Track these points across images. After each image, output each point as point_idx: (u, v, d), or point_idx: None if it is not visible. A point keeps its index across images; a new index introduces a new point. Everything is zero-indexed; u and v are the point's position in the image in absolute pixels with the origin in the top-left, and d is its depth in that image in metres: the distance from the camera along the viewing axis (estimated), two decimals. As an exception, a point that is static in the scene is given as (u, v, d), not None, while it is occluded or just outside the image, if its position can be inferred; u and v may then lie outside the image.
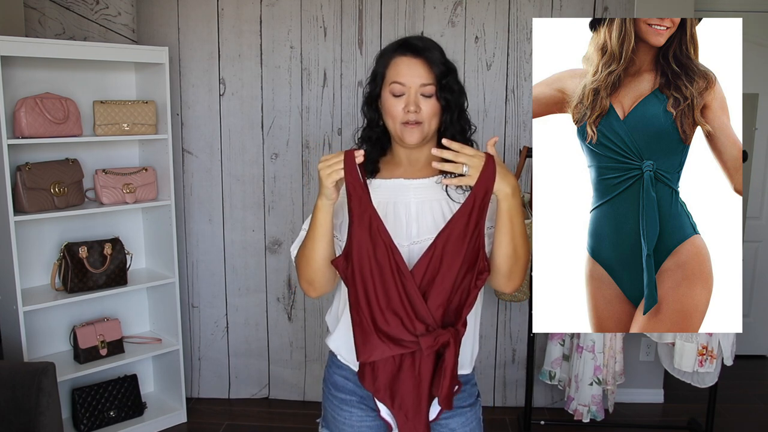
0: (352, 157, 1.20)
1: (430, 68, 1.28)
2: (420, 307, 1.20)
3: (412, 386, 1.25)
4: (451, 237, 1.20)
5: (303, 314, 3.17)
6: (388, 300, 1.21)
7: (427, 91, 1.28)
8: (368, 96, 1.37)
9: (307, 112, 3.01)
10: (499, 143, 3.00)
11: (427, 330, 1.21)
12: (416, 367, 1.24)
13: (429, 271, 1.21)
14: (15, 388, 1.99)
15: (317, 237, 1.27)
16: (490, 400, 3.16)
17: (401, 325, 1.21)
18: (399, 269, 1.20)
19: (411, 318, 1.21)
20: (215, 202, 3.10)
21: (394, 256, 1.20)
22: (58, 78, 2.64)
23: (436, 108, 1.30)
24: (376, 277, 1.21)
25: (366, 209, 1.21)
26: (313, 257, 1.29)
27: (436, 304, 1.21)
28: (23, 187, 2.46)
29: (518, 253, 1.26)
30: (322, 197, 1.24)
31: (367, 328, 1.22)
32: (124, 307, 2.98)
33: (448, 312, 1.23)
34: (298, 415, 3.09)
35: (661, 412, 3.14)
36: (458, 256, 1.20)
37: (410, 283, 1.20)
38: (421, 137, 1.30)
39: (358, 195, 1.21)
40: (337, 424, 1.40)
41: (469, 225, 1.20)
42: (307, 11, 2.94)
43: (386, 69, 1.32)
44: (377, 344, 1.22)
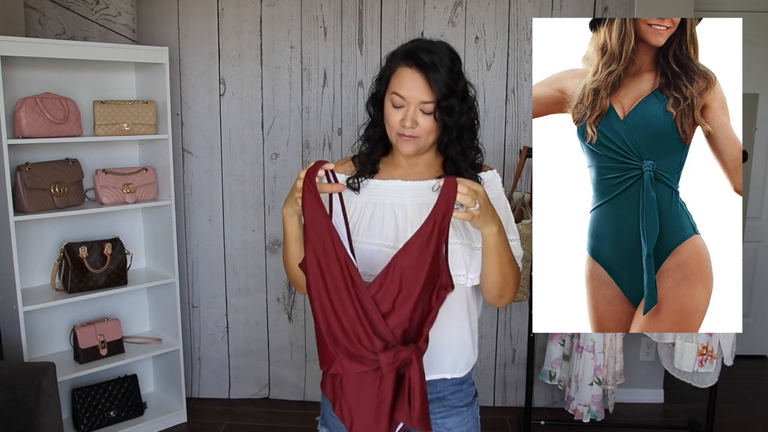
0: (314, 170, 1.16)
1: (432, 88, 1.24)
2: (378, 323, 1.13)
3: (372, 407, 1.17)
4: (409, 261, 1.13)
5: (303, 314, 3.17)
6: (346, 314, 1.14)
7: (427, 108, 1.25)
8: (373, 95, 1.35)
9: (307, 112, 3.01)
10: (499, 143, 3.00)
11: (386, 348, 1.13)
12: (376, 387, 1.16)
13: (387, 291, 1.13)
14: (15, 388, 1.99)
15: (289, 243, 1.31)
16: (490, 400, 3.16)
17: (358, 341, 1.14)
18: (354, 283, 1.13)
19: (369, 335, 1.13)
20: (215, 202, 3.10)
21: (350, 269, 1.14)
22: (58, 78, 2.64)
23: (433, 126, 1.27)
24: (332, 290, 1.15)
25: (321, 222, 1.15)
26: (289, 260, 1.33)
27: (395, 323, 1.14)
28: (23, 187, 2.46)
29: (507, 278, 1.26)
30: (286, 206, 1.24)
31: (324, 341, 1.16)
32: (124, 307, 2.98)
33: (409, 330, 1.16)
34: (298, 415, 3.09)
35: (661, 412, 3.14)
36: (418, 281, 1.13)
37: (367, 298, 1.13)
38: (416, 150, 1.29)
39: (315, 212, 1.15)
40: (335, 422, 1.40)
41: (429, 248, 1.12)
42: (307, 11, 2.94)
43: (391, 75, 1.29)
44: (334, 358, 1.16)
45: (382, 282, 1.13)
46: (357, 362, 1.15)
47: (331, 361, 1.17)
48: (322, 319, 1.16)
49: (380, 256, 1.27)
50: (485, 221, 1.17)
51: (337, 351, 1.15)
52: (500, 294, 1.29)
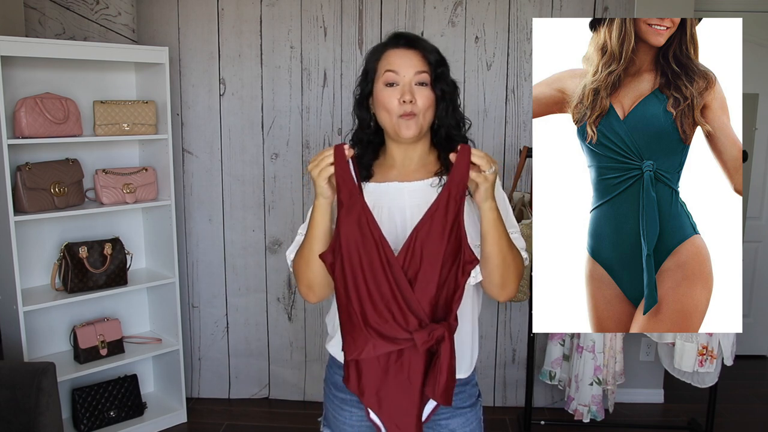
0: (341, 150, 1.18)
1: (425, 57, 1.27)
2: (411, 300, 1.16)
3: (402, 390, 1.20)
4: (430, 233, 1.16)
5: (303, 314, 3.17)
6: (381, 294, 1.16)
7: (423, 78, 1.27)
8: (359, 96, 1.35)
9: (307, 112, 3.01)
10: (499, 143, 3.00)
11: (420, 326, 1.17)
12: (405, 369, 1.19)
13: (410, 265, 1.17)
14: (15, 388, 1.99)
15: (315, 237, 1.25)
16: (490, 401, 3.16)
17: (393, 319, 1.17)
18: (389, 262, 1.16)
19: (404, 311, 1.16)
20: (215, 202, 3.10)
21: (384, 249, 1.17)
22: (58, 78, 2.64)
23: (431, 98, 1.28)
24: (367, 270, 1.17)
25: (356, 202, 1.18)
26: (312, 258, 1.26)
27: (424, 299, 1.17)
28: (23, 187, 2.46)
29: (507, 261, 1.25)
30: (318, 197, 1.23)
31: (357, 324, 1.18)
32: (124, 307, 2.98)
33: (437, 307, 1.19)
34: (298, 415, 3.09)
35: (661, 412, 3.14)
36: (439, 251, 1.16)
37: (401, 275, 1.16)
38: (417, 130, 1.29)
39: (348, 188, 1.19)
40: (337, 423, 1.40)
41: (448, 215, 1.16)
42: (307, 11, 2.94)
43: (378, 62, 1.30)
44: (368, 340, 1.17)
45: (405, 255, 1.17)
46: (390, 342, 1.17)
47: (362, 344, 1.18)
48: (356, 300, 1.18)
49: None
50: (489, 193, 1.19)
51: (369, 332, 1.17)
52: (502, 282, 1.27)
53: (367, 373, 1.22)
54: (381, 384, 1.21)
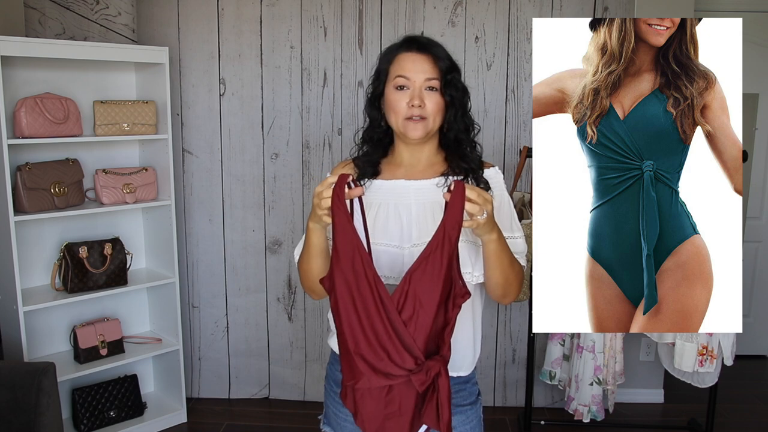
0: (342, 184, 1.16)
1: (436, 63, 1.29)
2: (405, 337, 1.15)
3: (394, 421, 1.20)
4: (424, 276, 1.14)
5: (303, 314, 3.17)
6: (375, 332, 1.15)
7: (432, 84, 1.29)
8: (371, 95, 1.37)
9: (307, 112, 3.01)
10: (499, 143, 3.00)
11: (416, 364, 1.15)
12: (397, 400, 1.18)
13: (405, 307, 1.15)
14: (15, 388, 1.99)
15: (312, 255, 1.29)
16: (491, 400, 3.16)
17: (388, 358, 1.15)
18: (382, 301, 1.14)
19: (398, 349, 1.15)
20: (215, 202, 3.10)
21: (378, 288, 1.15)
22: (58, 78, 2.64)
23: (440, 104, 1.30)
24: (361, 311, 1.15)
25: (350, 242, 1.16)
26: (310, 270, 1.31)
27: (419, 339, 1.15)
28: (23, 187, 2.46)
29: (509, 279, 1.28)
30: (311, 220, 1.24)
31: (354, 356, 1.17)
32: (124, 307, 2.98)
33: (431, 339, 1.17)
34: (298, 415, 3.09)
35: (661, 412, 3.14)
36: (434, 296, 1.14)
37: (394, 314, 1.14)
38: (425, 132, 1.31)
39: (342, 227, 1.16)
40: (338, 420, 1.40)
41: (443, 260, 1.13)
42: (307, 11, 2.94)
43: (390, 65, 1.32)
44: (363, 374, 1.17)
45: (399, 297, 1.15)
46: (384, 377, 1.17)
47: (358, 376, 1.18)
48: (350, 338, 1.17)
49: (386, 256, 1.29)
50: (487, 229, 1.19)
51: (364, 367, 1.17)
52: (504, 294, 1.32)
53: (360, 400, 1.21)
54: (374, 412, 1.20)
